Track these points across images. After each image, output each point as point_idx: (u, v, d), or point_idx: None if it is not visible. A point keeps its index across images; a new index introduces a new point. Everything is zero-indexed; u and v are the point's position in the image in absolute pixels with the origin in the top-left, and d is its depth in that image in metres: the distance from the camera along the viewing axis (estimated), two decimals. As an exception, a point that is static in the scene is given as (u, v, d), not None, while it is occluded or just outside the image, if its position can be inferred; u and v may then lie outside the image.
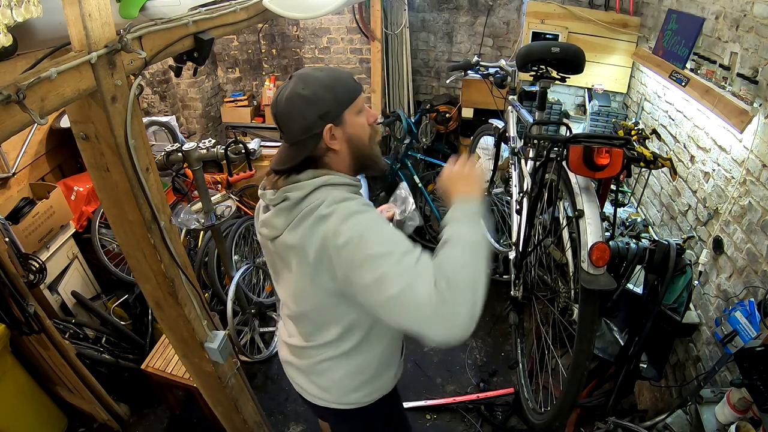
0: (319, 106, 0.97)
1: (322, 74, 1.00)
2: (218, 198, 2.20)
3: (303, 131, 0.99)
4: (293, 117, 0.99)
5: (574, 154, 1.28)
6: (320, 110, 0.98)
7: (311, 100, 0.97)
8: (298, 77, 1.00)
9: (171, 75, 3.91)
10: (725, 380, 1.57)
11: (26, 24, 0.91)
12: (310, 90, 0.97)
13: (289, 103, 0.98)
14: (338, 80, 1.01)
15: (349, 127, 1.02)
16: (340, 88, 1.00)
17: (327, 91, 0.98)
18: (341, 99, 1.00)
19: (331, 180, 1.02)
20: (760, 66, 1.54)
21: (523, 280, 1.94)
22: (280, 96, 1.01)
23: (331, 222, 0.94)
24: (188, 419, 2.39)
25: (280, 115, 1.01)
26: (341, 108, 1.00)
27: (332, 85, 0.99)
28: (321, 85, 0.98)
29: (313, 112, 0.97)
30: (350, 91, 1.02)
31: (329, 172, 1.03)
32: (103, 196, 1.15)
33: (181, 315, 1.34)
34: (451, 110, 3.67)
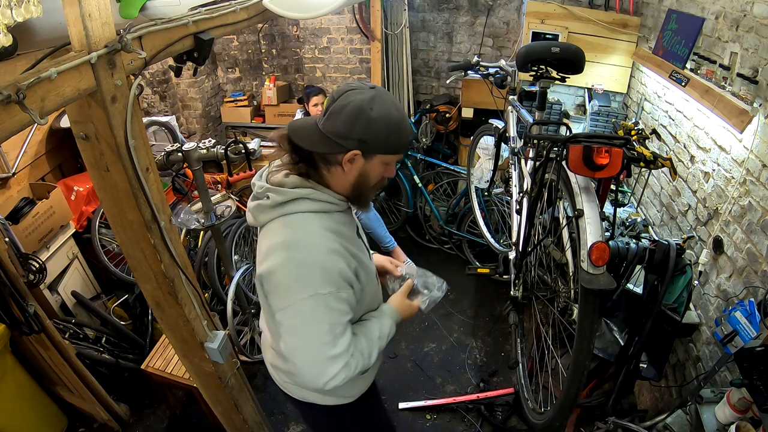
0: (368, 133, 0.97)
1: (395, 113, 1.00)
2: (218, 198, 2.19)
3: (337, 134, 0.98)
4: (342, 118, 0.97)
5: (573, 154, 1.28)
6: (365, 136, 0.97)
7: (367, 123, 0.96)
8: (378, 95, 0.98)
9: (171, 75, 3.91)
10: (725, 380, 1.57)
11: (26, 24, 0.92)
12: (375, 114, 0.96)
13: (352, 107, 0.96)
14: (400, 131, 1.01)
15: (370, 167, 1.04)
16: (396, 138, 1.01)
17: (385, 129, 0.98)
18: (388, 145, 1.01)
19: (312, 195, 1.03)
20: (760, 66, 1.54)
21: (523, 280, 1.94)
22: (350, 91, 0.98)
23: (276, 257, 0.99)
24: (188, 419, 2.39)
25: (338, 104, 0.98)
26: (380, 151, 1.01)
27: (393, 130, 0.99)
28: (386, 121, 0.98)
29: (359, 131, 0.97)
30: (400, 146, 1.04)
31: (315, 187, 1.04)
32: (103, 196, 1.15)
33: (181, 315, 1.34)
34: (451, 110, 3.67)
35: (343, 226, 1.08)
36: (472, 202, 2.96)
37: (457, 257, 3.58)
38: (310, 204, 1.02)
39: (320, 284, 0.97)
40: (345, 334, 1.03)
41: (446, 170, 3.59)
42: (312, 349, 0.99)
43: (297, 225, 1.01)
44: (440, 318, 3.03)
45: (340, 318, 1.01)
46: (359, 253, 1.11)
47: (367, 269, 1.15)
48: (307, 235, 1.00)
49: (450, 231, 3.50)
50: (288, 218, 1.02)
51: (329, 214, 1.05)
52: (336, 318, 1.00)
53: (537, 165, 1.63)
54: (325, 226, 1.02)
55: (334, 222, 1.06)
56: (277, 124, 4.20)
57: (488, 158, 2.70)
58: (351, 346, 1.04)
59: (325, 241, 1.00)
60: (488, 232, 2.78)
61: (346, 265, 1.02)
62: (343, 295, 1.02)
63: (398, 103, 1.03)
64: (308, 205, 1.02)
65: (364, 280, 1.12)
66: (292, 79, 4.29)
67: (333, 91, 1.03)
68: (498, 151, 2.38)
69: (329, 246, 1.00)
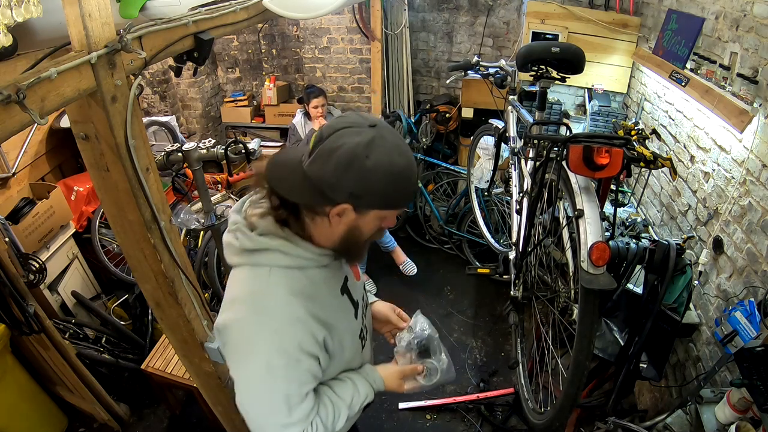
0: (362, 186, 0.78)
1: (398, 160, 0.79)
2: (218, 198, 2.20)
3: (323, 183, 0.79)
4: (331, 164, 0.77)
5: (574, 154, 1.28)
6: (358, 190, 0.78)
7: (361, 174, 0.77)
8: (378, 137, 0.78)
9: (171, 75, 3.91)
10: (725, 380, 1.57)
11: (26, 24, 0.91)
12: (372, 163, 0.77)
13: (344, 152, 0.76)
14: (402, 182, 0.81)
15: (363, 222, 0.86)
16: (397, 191, 0.81)
17: (384, 182, 0.79)
18: (386, 200, 0.82)
19: (284, 248, 0.87)
20: (760, 66, 1.54)
21: (523, 280, 1.94)
22: (344, 130, 0.79)
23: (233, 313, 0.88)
24: (188, 419, 2.39)
25: (327, 145, 0.78)
26: (376, 206, 0.83)
27: (394, 182, 0.80)
28: (385, 172, 0.78)
29: (350, 184, 0.78)
30: (402, 200, 0.86)
31: (290, 238, 0.88)
32: (103, 196, 1.15)
33: (181, 315, 1.34)
34: (451, 110, 3.67)
35: (318, 285, 0.92)
36: (472, 202, 2.96)
37: (457, 257, 3.58)
38: (282, 258, 0.87)
39: (275, 355, 0.85)
40: (303, 403, 0.91)
41: (446, 170, 3.59)
42: (263, 416, 0.90)
43: (260, 282, 0.87)
44: (440, 318, 3.02)
45: (297, 389, 0.89)
46: (333, 319, 0.94)
47: (344, 333, 0.99)
48: (269, 298, 0.86)
49: (450, 231, 3.50)
50: (253, 270, 0.89)
51: (303, 270, 0.90)
52: (292, 389, 0.88)
53: (537, 165, 1.63)
54: (293, 289, 0.87)
55: (308, 281, 0.90)
56: (277, 124, 4.20)
57: (488, 158, 2.70)
58: (311, 413, 0.93)
59: (288, 308, 0.86)
60: (488, 232, 2.78)
61: (309, 336, 0.88)
62: (304, 366, 0.89)
63: (403, 145, 0.82)
64: (278, 259, 0.87)
65: (335, 349, 0.97)
66: (292, 79, 4.29)
67: (322, 128, 0.82)
68: (498, 151, 2.38)
69: (291, 314, 0.86)
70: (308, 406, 0.92)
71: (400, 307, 1.27)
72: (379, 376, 1.11)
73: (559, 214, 1.68)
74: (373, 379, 1.09)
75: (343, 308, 1.02)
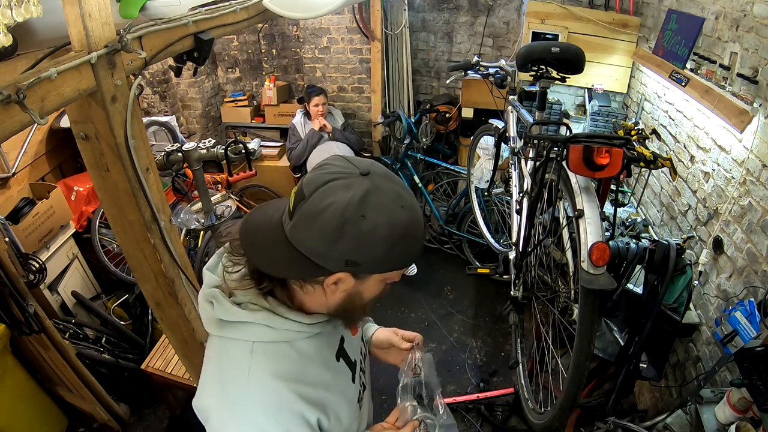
0: (360, 252, 0.65)
1: (400, 215, 0.65)
2: (218, 198, 2.20)
3: (311, 252, 0.66)
4: (317, 228, 0.63)
5: (574, 154, 1.28)
6: (355, 257, 0.65)
7: (357, 239, 0.63)
8: (373, 189, 0.64)
9: (171, 75, 3.91)
10: (725, 380, 1.57)
11: (26, 24, 0.91)
12: (368, 225, 0.63)
13: (332, 214, 0.62)
14: (406, 240, 0.67)
15: (364, 287, 0.73)
16: (401, 250, 0.67)
17: (384, 244, 0.64)
18: (389, 262, 0.68)
19: (268, 322, 0.73)
20: (760, 66, 1.54)
21: (523, 280, 1.94)
22: (332, 183, 0.64)
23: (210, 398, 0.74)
24: (188, 419, 2.39)
25: (311, 204, 0.64)
26: (378, 270, 0.70)
27: (396, 242, 0.65)
28: (385, 232, 0.64)
29: (344, 250, 0.64)
30: (406, 260, 0.71)
31: (275, 309, 0.74)
32: (103, 196, 1.15)
33: (181, 315, 1.34)
34: (451, 110, 3.67)
35: (310, 359, 0.78)
36: (472, 202, 2.96)
37: (457, 257, 3.58)
38: (264, 332, 0.73)
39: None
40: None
41: (446, 170, 3.59)
42: None
43: (239, 364, 0.73)
44: (440, 318, 3.02)
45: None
46: (328, 395, 0.80)
47: (340, 405, 0.84)
48: (249, 383, 0.71)
49: (450, 231, 3.50)
50: (231, 346, 0.74)
51: (291, 344, 0.76)
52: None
53: (537, 165, 1.63)
54: (278, 371, 0.73)
55: (297, 355, 0.76)
56: (277, 124, 4.20)
57: (488, 158, 2.70)
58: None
59: (274, 396, 0.72)
60: (488, 232, 2.78)
61: (300, 421, 0.74)
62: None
63: (404, 192, 0.68)
64: (262, 334, 0.73)
65: (331, 426, 0.81)
66: (292, 79, 4.29)
67: (302, 182, 0.67)
68: (498, 151, 2.38)
69: (278, 403, 0.72)
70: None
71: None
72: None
73: (559, 214, 1.68)
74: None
75: (339, 376, 0.87)
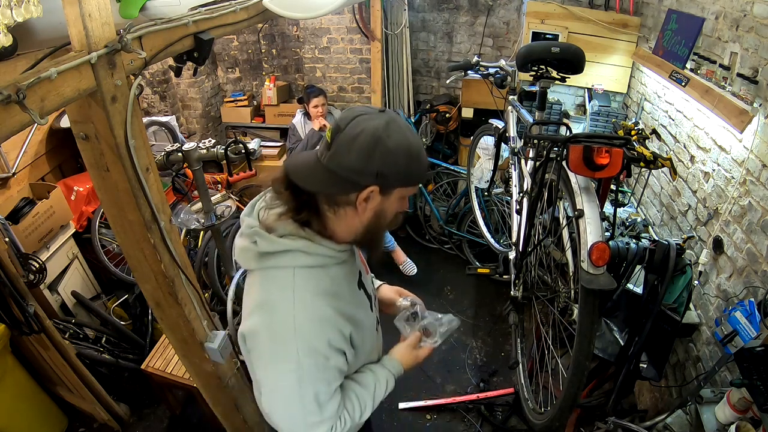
0: (386, 164, 0.82)
1: (413, 139, 0.86)
2: (218, 198, 2.20)
3: (350, 170, 0.83)
4: (355, 149, 0.82)
5: (574, 154, 1.28)
6: (383, 168, 0.83)
7: (386, 153, 0.82)
8: (392, 120, 0.84)
9: (171, 75, 3.91)
10: (725, 380, 1.57)
11: (26, 24, 0.91)
12: (393, 142, 0.82)
13: (366, 136, 0.81)
14: (420, 158, 0.88)
15: (388, 203, 0.90)
16: (416, 166, 0.87)
17: (406, 158, 0.84)
18: (409, 176, 0.87)
19: (306, 248, 0.89)
20: (760, 66, 1.54)
21: (523, 280, 1.94)
22: (359, 117, 0.84)
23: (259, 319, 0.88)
24: (188, 419, 2.39)
25: (346, 134, 0.83)
26: (400, 183, 0.88)
27: (414, 158, 0.86)
28: (406, 149, 0.84)
29: (376, 163, 0.82)
30: (421, 175, 0.91)
31: (312, 238, 0.90)
32: (103, 196, 1.15)
33: (181, 315, 1.34)
34: (451, 110, 3.67)
35: (340, 283, 0.95)
36: (472, 202, 2.96)
37: (457, 257, 3.58)
38: (304, 258, 0.89)
39: (305, 355, 0.86)
40: (332, 400, 0.93)
41: (446, 170, 3.59)
42: (293, 418, 0.90)
43: (284, 285, 0.88)
44: (440, 318, 3.02)
45: (327, 387, 0.91)
46: (356, 313, 0.98)
47: (365, 327, 1.02)
48: (295, 300, 0.86)
49: (450, 231, 3.50)
50: (275, 273, 0.89)
51: (325, 269, 0.92)
52: (322, 387, 0.90)
53: (537, 165, 1.63)
54: (317, 289, 0.89)
55: (330, 280, 0.92)
56: (277, 124, 4.20)
57: (488, 158, 2.70)
58: (339, 408, 0.95)
59: (315, 309, 0.88)
60: (488, 232, 2.78)
61: (338, 333, 0.91)
62: (332, 363, 0.90)
63: (411, 127, 0.90)
64: (301, 260, 0.89)
65: (359, 342, 1.00)
66: (292, 79, 4.29)
67: (337, 120, 0.86)
68: (498, 151, 2.38)
69: (319, 314, 0.88)
70: (336, 402, 0.94)
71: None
72: (395, 359, 1.14)
73: (559, 214, 1.68)
74: (391, 364, 1.12)
75: (361, 303, 1.05)
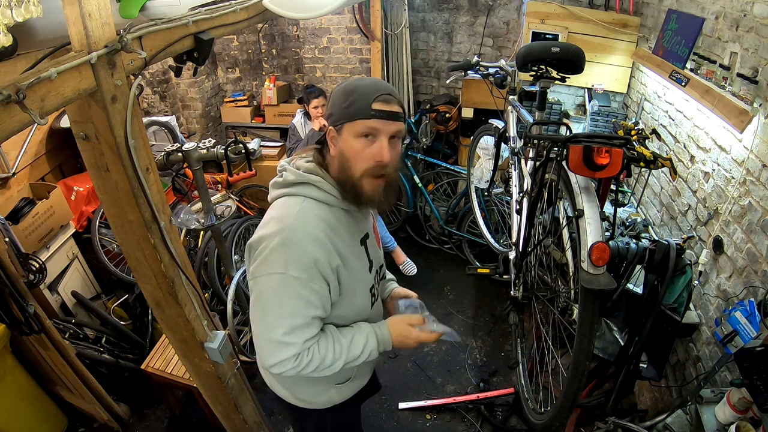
0: (332, 104, 1.03)
1: (359, 82, 1.02)
2: (218, 198, 2.20)
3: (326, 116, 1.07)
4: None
5: (574, 154, 1.28)
6: (331, 109, 1.03)
7: (333, 95, 1.03)
8: (367, 79, 1.04)
9: (171, 75, 3.91)
10: (725, 380, 1.57)
11: (26, 24, 0.91)
12: (340, 87, 1.02)
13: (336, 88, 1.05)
14: (356, 92, 1.00)
15: (343, 142, 1.02)
16: (352, 100, 0.99)
17: (342, 94, 1.01)
18: (344, 110, 1.00)
19: (320, 183, 1.04)
20: (760, 66, 1.54)
21: (523, 280, 1.94)
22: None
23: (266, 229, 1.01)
24: (188, 419, 2.39)
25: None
26: (341, 119, 1.01)
27: (348, 92, 1.00)
28: (343, 87, 1.02)
29: (329, 106, 1.05)
30: (358, 109, 0.99)
31: (326, 177, 1.06)
32: (103, 196, 1.15)
33: (181, 315, 1.34)
34: (451, 110, 3.67)
35: (341, 223, 1.07)
36: (472, 202, 2.96)
37: (457, 257, 3.58)
38: (316, 191, 1.04)
39: (292, 266, 0.96)
40: (306, 329, 1.01)
41: (446, 170, 3.59)
42: (267, 326, 0.99)
43: (295, 205, 1.02)
44: (440, 318, 2.99)
45: (304, 309, 0.99)
46: (349, 255, 1.08)
47: (356, 273, 1.11)
48: (299, 217, 1.00)
49: (450, 231, 3.50)
50: (289, 199, 1.04)
51: (330, 207, 1.05)
52: (299, 306, 0.98)
53: (537, 165, 1.63)
54: (320, 215, 1.02)
55: (333, 217, 1.05)
56: (277, 124, 4.20)
57: (488, 158, 2.70)
58: (310, 341, 1.02)
59: (312, 228, 1.00)
60: (488, 232, 2.78)
61: (325, 257, 1.00)
62: (315, 287, 0.99)
63: (382, 83, 1.04)
64: (314, 192, 1.04)
65: (346, 284, 1.08)
66: (292, 79, 4.29)
67: None
68: (498, 151, 2.38)
69: (313, 233, 0.99)
70: (309, 333, 1.01)
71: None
72: (385, 323, 1.16)
73: (559, 214, 1.68)
74: (378, 326, 1.15)
75: (359, 256, 1.14)
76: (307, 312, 1.00)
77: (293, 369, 1.01)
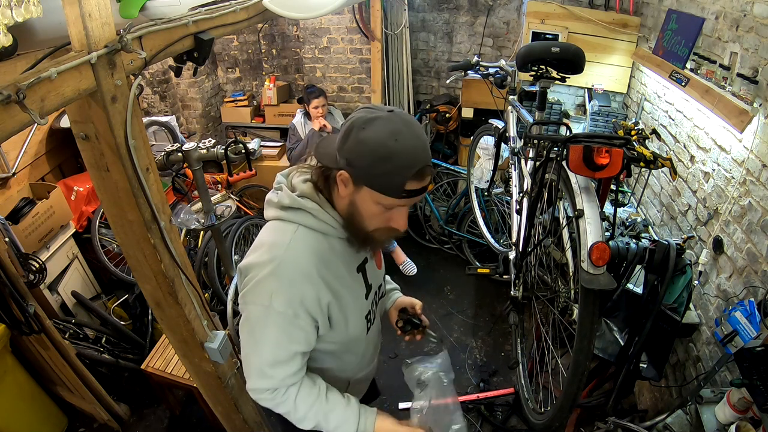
0: (353, 152, 0.86)
1: (391, 144, 0.83)
2: (218, 198, 2.20)
3: (337, 149, 0.90)
4: (341, 132, 0.89)
5: (574, 154, 1.28)
6: (350, 156, 0.87)
7: (355, 141, 0.85)
8: (385, 118, 0.85)
9: (171, 75, 3.91)
10: (725, 380, 1.57)
11: (26, 24, 0.91)
12: (365, 135, 0.84)
13: (349, 122, 0.88)
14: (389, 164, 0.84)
15: (359, 198, 0.92)
16: (381, 171, 0.85)
17: (369, 156, 0.85)
18: (371, 177, 0.87)
19: (315, 211, 0.96)
20: (760, 66, 1.54)
21: (523, 280, 1.94)
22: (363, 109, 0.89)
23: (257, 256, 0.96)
24: (188, 419, 2.39)
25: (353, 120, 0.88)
26: (364, 181, 0.88)
27: (378, 160, 0.84)
28: (373, 147, 0.84)
29: (347, 148, 0.87)
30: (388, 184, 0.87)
31: (322, 204, 0.97)
32: (103, 196, 1.15)
33: (181, 315, 1.34)
34: (451, 110, 3.67)
35: (337, 255, 1.00)
36: (472, 202, 2.96)
37: (457, 257, 3.58)
38: (311, 220, 0.96)
39: (277, 300, 0.91)
40: (287, 364, 0.97)
41: (446, 170, 3.59)
42: (254, 351, 0.97)
43: (287, 234, 0.96)
44: (440, 318, 3.03)
45: (288, 344, 0.95)
46: (341, 288, 1.01)
47: (348, 307, 1.04)
48: (290, 249, 0.94)
49: (450, 231, 3.50)
50: (283, 224, 0.98)
51: (326, 236, 0.98)
52: (282, 340, 0.95)
53: (537, 165, 1.63)
54: (313, 248, 0.96)
55: (328, 248, 0.98)
56: (277, 125, 4.20)
57: (488, 158, 2.70)
58: (291, 378, 0.98)
59: (303, 263, 0.94)
60: (488, 232, 2.78)
61: (314, 294, 0.95)
62: (300, 323, 0.95)
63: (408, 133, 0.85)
64: (309, 220, 0.96)
65: (338, 319, 1.03)
66: (292, 79, 4.29)
67: None
68: (498, 151, 2.38)
69: (304, 268, 0.94)
70: (290, 369, 0.98)
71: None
72: (373, 415, 1.07)
73: (559, 214, 1.68)
74: (365, 414, 1.06)
75: (355, 285, 1.07)
76: (290, 347, 0.96)
77: (267, 401, 1.00)
